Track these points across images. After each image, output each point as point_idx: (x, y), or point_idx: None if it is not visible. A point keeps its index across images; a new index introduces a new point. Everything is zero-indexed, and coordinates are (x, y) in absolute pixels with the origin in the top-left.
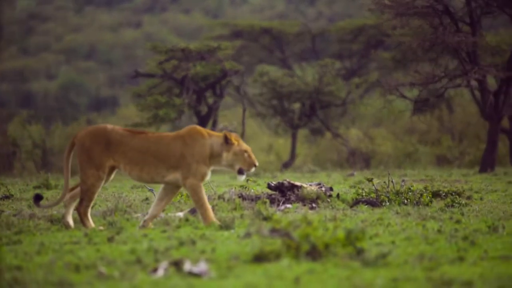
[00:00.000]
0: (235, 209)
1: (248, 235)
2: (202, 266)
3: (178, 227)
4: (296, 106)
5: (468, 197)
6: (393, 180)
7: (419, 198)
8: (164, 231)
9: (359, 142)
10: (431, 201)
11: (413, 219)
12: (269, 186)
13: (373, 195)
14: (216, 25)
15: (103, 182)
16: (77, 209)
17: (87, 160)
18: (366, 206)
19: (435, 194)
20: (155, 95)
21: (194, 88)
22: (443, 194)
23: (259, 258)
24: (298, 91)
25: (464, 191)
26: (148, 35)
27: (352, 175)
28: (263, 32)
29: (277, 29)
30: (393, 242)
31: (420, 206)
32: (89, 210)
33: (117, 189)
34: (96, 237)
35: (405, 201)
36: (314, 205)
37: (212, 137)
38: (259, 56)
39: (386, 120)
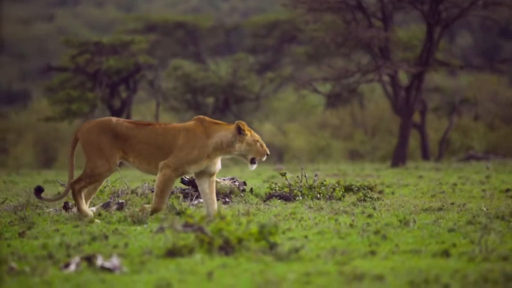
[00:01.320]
0: (148, 203)
1: (161, 229)
2: (114, 261)
3: (92, 221)
4: (210, 100)
5: (380, 192)
6: (306, 175)
7: (332, 192)
8: (77, 226)
9: (272, 137)
10: (343, 196)
11: (325, 213)
12: (182, 181)
13: (286, 189)
14: (130, 19)
15: (111, 173)
16: (71, 183)
17: (97, 152)
18: (279, 200)
19: (348, 189)
20: (67, 89)
21: (107, 82)
22: (356, 188)
23: (172, 253)
24: (212, 85)
25: (376, 185)
26: (60, 29)
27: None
28: (177, 26)
29: (191, 24)
30: (305, 237)
31: (333, 200)
32: (83, 191)
33: (28, 183)
34: (7, 232)
35: (318, 195)
36: (227, 199)
37: (219, 132)
38: (173, 50)
39: (299, 115)
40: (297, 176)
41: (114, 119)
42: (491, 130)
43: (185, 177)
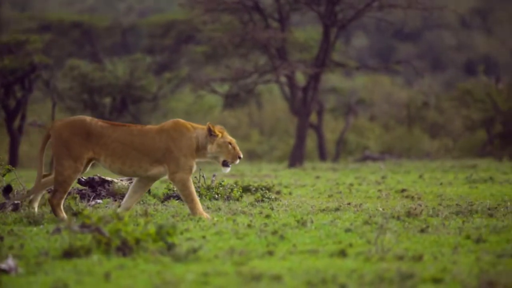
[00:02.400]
0: (44, 204)
1: (57, 230)
2: (9, 262)
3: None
4: (107, 100)
5: (278, 192)
6: (204, 175)
7: (230, 193)
8: None
9: None
10: (241, 196)
11: (223, 214)
12: (79, 181)
13: None
14: (24, 18)
15: (80, 174)
16: (49, 200)
17: (65, 152)
18: (177, 201)
19: (245, 189)
20: None
21: (2, 82)
22: (253, 189)
23: (69, 253)
24: (109, 85)
25: (273, 185)
26: None
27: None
28: (73, 26)
29: (87, 23)
30: (204, 237)
31: (231, 201)
32: (62, 202)
33: None
34: None
35: (216, 196)
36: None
37: (196, 129)
38: (69, 50)
39: (197, 115)
40: (195, 177)
41: (88, 118)
42: (386, 131)
43: (82, 177)
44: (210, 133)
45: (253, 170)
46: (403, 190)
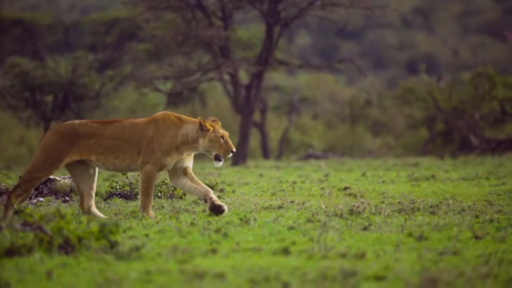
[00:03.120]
0: None
1: None
2: None
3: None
4: (49, 98)
5: (221, 190)
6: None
7: (173, 191)
8: None
9: None
10: (184, 194)
11: (166, 212)
12: None
13: (127, 188)
14: None
15: (47, 176)
16: (8, 192)
17: (46, 156)
18: (120, 199)
19: None
20: None
21: None
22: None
23: (11, 252)
24: (50, 83)
25: (217, 183)
26: None
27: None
28: (14, 23)
29: (29, 20)
30: (146, 235)
31: (174, 199)
32: (18, 201)
33: None
34: None
35: (159, 194)
36: (67, 198)
37: (186, 124)
38: (10, 48)
39: (140, 113)
40: (138, 175)
41: (76, 121)
42: (329, 129)
43: None
44: (202, 127)
45: (196, 168)
46: (345, 188)
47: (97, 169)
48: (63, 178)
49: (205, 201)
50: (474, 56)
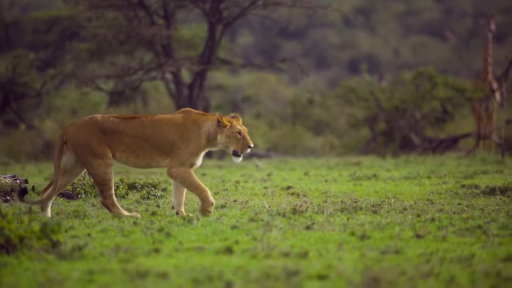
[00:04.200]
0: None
1: None
2: None
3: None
4: None
5: (164, 189)
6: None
7: (116, 190)
8: None
9: (54, 134)
10: (127, 193)
11: (109, 211)
12: None
13: (68, 187)
14: None
15: (112, 168)
16: (102, 203)
17: (90, 153)
18: (62, 198)
19: (131, 186)
20: None
21: None
22: (139, 186)
23: None
24: None
25: (159, 183)
26: None
27: None
28: None
29: None
30: (89, 235)
31: (117, 198)
32: (114, 198)
33: None
34: None
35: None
36: (8, 197)
37: (207, 121)
38: None
39: (82, 112)
40: (80, 174)
41: (99, 116)
42: (272, 128)
43: None
44: (219, 123)
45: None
46: (288, 187)
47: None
48: (4, 177)
49: (173, 208)
50: (415, 56)
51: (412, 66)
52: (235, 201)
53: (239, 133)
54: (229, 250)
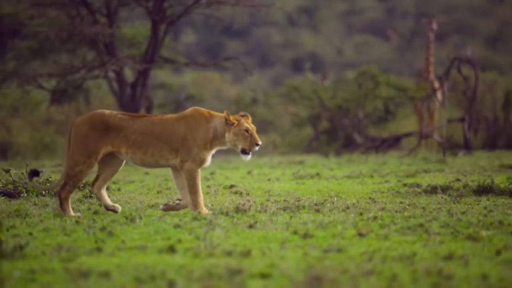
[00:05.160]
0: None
1: None
2: None
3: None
4: None
5: (107, 188)
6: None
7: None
8: None
9: None
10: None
11: (51, 210)
12: None
13: (10, 186)
14: None
15: (91, 169)
16: (58, 192)
17: (81, 147)
18: (3, 197)
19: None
20: None
21: None
22: (81, 185)
23: None
24: None
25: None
26: None
27: None
28: None
29: None
30: (30, 234)
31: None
32: (70, 196)
33: None
34: None
35: (43, 192)
36: None
37: (215, 118)
38: None
39: (23, 111)
40: (22, 173)
41: (106, 111)
42: None
43: None
44: (227, 122)
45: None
46: (231, 186)
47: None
48: None
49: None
50: (358, 55)
51: (355, 65)
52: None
53: (247, 131)
54: (171, 249)
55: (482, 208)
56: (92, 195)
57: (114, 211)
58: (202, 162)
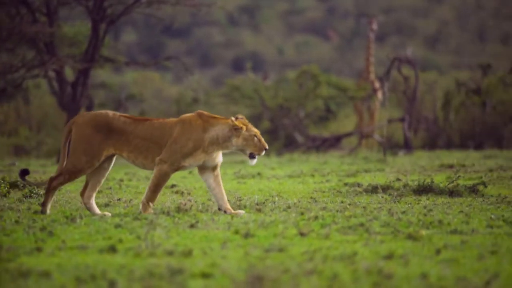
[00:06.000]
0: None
1: None
2: None
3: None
4: None
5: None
6: None
7: None
8: None
9: None
10: (9, 192)
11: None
12: None
13: None
14: None
15: (92, 169)
16: (49, 179)
17: (85, 147)
18: None
19: (13, 185)
20: None
21: None
22: (21, 185)
23: None
24: None
25: (42, 181)
26: None
27: (13, 164)
28: None
29: None
30: None
31: None
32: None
33: None
34: None
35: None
36: None
37: (217, 125)
38: None
39: None
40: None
41: (110, 113)
42: None
43: None
44: (235, 127)
45: (21, 166)
46: (172, 186)
47: (111, 165)
48: None
49: (219, 209)
50: (299, 55)
51: (296, 64)
52: (119, 199)
53: (255, 136)
54: (112, 249)
55: (422, 208)
56: (33, 194)
57: None
58: (178, 169)
